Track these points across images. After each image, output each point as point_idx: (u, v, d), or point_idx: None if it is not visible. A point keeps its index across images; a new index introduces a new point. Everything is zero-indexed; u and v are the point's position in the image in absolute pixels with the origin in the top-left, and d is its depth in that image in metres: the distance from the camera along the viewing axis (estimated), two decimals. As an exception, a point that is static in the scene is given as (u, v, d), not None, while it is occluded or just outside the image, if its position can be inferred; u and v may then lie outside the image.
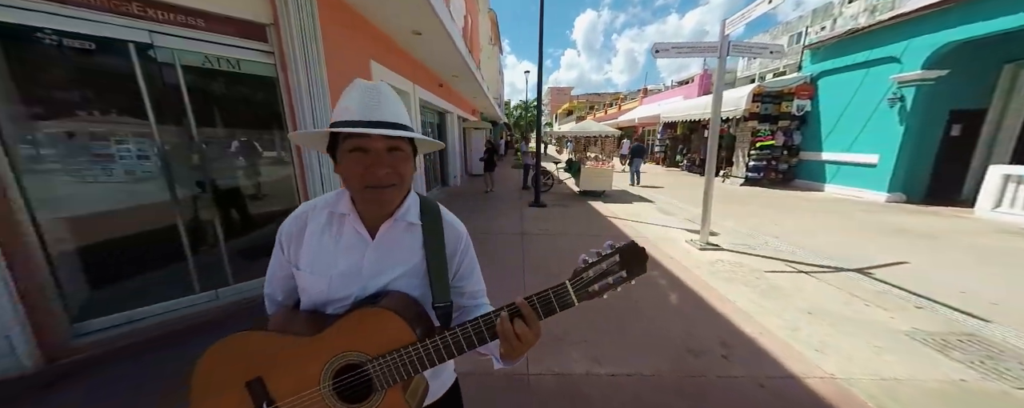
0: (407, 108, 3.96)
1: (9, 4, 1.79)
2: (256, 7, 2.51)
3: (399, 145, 0.66)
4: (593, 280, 0.62)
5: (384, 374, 0.64)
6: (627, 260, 0.61)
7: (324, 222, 0.73)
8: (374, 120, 0.63)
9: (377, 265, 0.70)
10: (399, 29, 4.13)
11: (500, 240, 4.67)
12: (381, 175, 0.63)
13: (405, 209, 0.73)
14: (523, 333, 0.62)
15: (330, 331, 0.65)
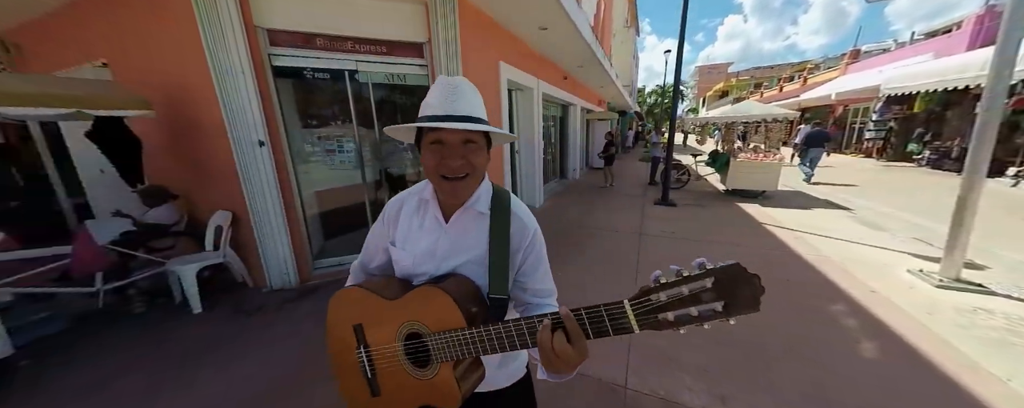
0: (530, 103, 4.17)
1: (288, 54, 2.83)
2: (417, 30, 3.15)
3: (473, 137, 0.69)
4: (665, 305, 0.50)
5: (438, 349, 0.69)
6: (726, 289, 0.47)
7: (415, 206, 0.82)
8: (451, 114, 0.66)
9: (448, 249, 0.77)
10: (526, 27, 4.38)
11: (614, 238, 4.45)
12: (455, 166, 0.68)
13: (476, 198, 0.76)
14: (562, 350, 0.55)
15: (404, 300, 0.73)
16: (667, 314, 0.50)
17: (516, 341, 0.63)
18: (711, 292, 0.48)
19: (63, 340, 2.43)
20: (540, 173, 6.16)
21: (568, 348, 0.55)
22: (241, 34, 2.52)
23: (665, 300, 0.50)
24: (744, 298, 0.47)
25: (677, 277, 0.50)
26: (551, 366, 0.59)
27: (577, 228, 4.92)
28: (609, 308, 0.54)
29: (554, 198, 7.06)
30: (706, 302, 0.48)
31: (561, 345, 0.55)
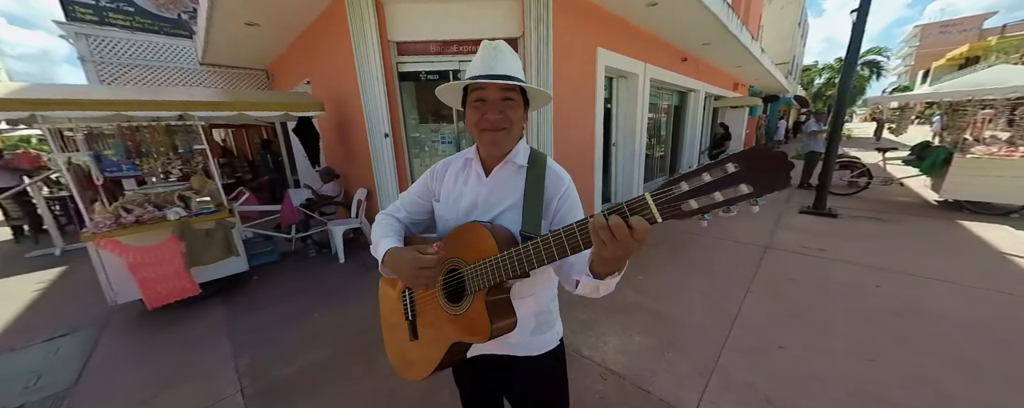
0: (633, 91, 3.90)
1: (410, 61, 3.44)
2: (512, 26, 3.34)
3: (510, 95, 0.76)
4: (687, 193, 0.48)
5: (473, 279, 0.75)
6: (751, 171, 0.45)
7: (460, 165, 0.91)
8: (492, 73, 0.75)
9: (488, 199, 0.84)
10: (631, 3, 4.05)
11: (727, 249, 3.72)
12: (494, 119, 0.76)
13: (515, 153, 0.84)
14: (619, 229, 0.51)
15: (445, 240, 0.84)
16: (689, 202, 0.49)
17: (560, 249, 0.61)
18: (735, 176, 0.46)
19: (275, 266, 3.68)
20: (640, 169, 5.64)
21: (625, 231, 0.51)
22: (378, 49, 3.22)
23: (686, 189, 0.49)
24: (772, 177, 0.44)
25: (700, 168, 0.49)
26: (604, 254, 0.56)
27: (680, 232, 4.33)
28: (631, 202, 0.53)
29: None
30: (730, 185, 0.46)
31: (618, 224, 0.52)
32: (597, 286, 0.66)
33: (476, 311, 0.75)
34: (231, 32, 4.28)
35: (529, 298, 0.86)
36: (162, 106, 2.44)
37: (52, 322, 2.72)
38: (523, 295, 0.84)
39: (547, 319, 0.91)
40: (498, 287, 0.75)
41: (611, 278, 0.64)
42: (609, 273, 0.63)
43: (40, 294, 3.31)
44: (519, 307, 0.80)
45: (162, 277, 2.49)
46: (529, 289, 0.85)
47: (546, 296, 0.91)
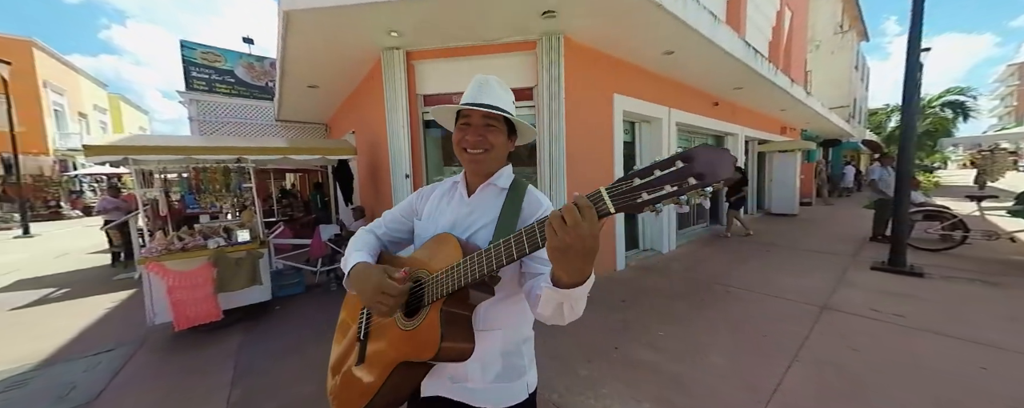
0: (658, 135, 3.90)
1: (434, 111, 3.80)
2: (526, 76, 3.59)
3: (492, 122, 0.83)
4: (639, 187, 0.51)
5: (433, 286, 0.74)
6: (698, 164, 0.47)
7: (447, 188, 0.95)
8: (476, 102, 0.81)
9: (468, 219, 0.85)
10: (647, 53, 4.18)
11: (770, 305, 3.23)
12: (472, 140, 0.82)
13: (498, 176, 0.87)
14: (572, 220, 0.53)
15: (416, 253, 0.85)
16: (641, 193, 0.51)
17: (504, 253, 0.63)
18: (684, 170, 0.49)
19: (298, 298, 3.87)
20: (672, 215, 5.31)
21: (579, 221, 0.53)
22: (405, 101, 3.62)
23: (639, 183, 0.51)
24: (717, 168, 0.48)
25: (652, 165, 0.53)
26: (560, 253, 0.57)
27: (714, 283, 3.88)
28: (590, 195, 0.56)
29: (691, 245, 5.84)
30: (679, 178, 0.49)
31: (572, 216, 0.54)
32: (560, 302, 0.63)
33: (429, 323, 0.72)
34: (298, 93, 5.14)
35: (496, 332, 0.80)
36: (222, 151, 2.94)
37: (105, 337, 3.05)
38: (490, 326, 0.79)
39: (516, 364, 0.83)
40: (458, 300, 0.72)
41: (574, 290, 0.61)
42: (570, 279, 0.60)
43: (108, 311, 3.78)
44: (484, 341, 0.75)
45: (193, 300, 2.74)
46: (497, 320, 0.80)
47: (517, 334, 0.85)
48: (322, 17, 2.92)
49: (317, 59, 3.91)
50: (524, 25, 3.24)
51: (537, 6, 2.88)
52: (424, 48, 3.60)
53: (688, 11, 3.28)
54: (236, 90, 7.31)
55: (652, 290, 3.70)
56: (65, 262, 6.31)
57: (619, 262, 4.36)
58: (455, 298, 0.72)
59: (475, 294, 0.73)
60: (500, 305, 0.81)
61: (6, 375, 2.46)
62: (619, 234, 4.32)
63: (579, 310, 0.67)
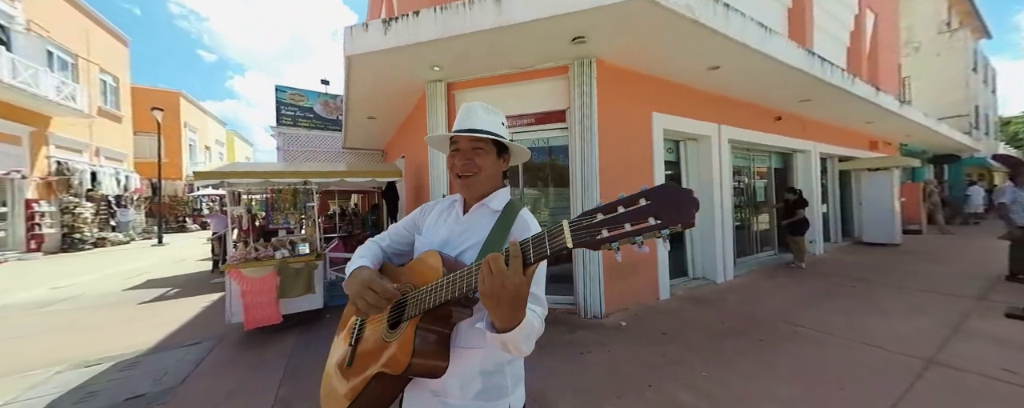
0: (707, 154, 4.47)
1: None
2: (559, 99, 3.67)
3: (480, 145, 0.87)
4: (601, 223, 0.52)
5: (414, 302, 0.77)
6: (661, 205, 0.48)
7: (447, 205, 0.99)
8: (463, 128, 0.87)
9: (460, 237, 0.89)
10: (689, 70, 4.01)
11: (854, 352, 2.72)
12: (460, 164, 0.87)
13: (491, 198, 0.90)
14: (497, 269, 0.57)
15: (403, 268, 0.90)
16: (602, 231, 0.51)
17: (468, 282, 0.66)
18: (645, 209, 0.49)
19: (345, 308, 4.22)
20: (727, 239, 4.81)
21: (502, 270, 0.56)
22: (445, 127, 3.91)
23: (601, 218, 0.52)
24: (677, 212, 0.47)
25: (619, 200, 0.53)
26: (487, 298, 0.60)
27: (779, 320, 3.39)
28: (551, 230, 0.57)
29: (753, 276, 5.17)
30: (640, 219, 0.49)
31: (497, 265, 0.57)
32: (502, 342, 0.65)
33: (404, 338, 0.74)
34: (359, 124, 5.85)
35: (476, 351, 0.80)
36: (291, 175, 3.46)
37: (196, 331, 3.62)
38: (469, 345, 0.80)
39: (498, 384, 0.82)
40: (436, 318, 0.75)
41: (505, 335, 0.62)
42: (500, 324, 0.62)
43: (202, 310, 4.49)
44: (463, 358, 0.78)
45: (259, 304, 3.16)
46: (477, 339, 0.80)
47: (498, 354, 0.83)
48: (376, 58, 3.36)
49: (373, 94, 4.45)
50: (556, 52, 3.36)
51: (567, 33, 2.98)
52: (463, 79, 3.91)
53: (731, 25, 3.12)
54: (314, 123, 8.63)
55: (699, 324, 3.34)
56: (181, 267, 7.70)
57: (662, 291, 4.02)
58: (433, 315, 0.74)
59: (455, 312, 0.76)
60: (478, 326, 0.81)
61: (126, 357, 3.05)
62: (662, 259, 4.02)
63: (526, 350, 0.68)
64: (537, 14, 2.68)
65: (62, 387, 2.55)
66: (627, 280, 3.71)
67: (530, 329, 0.65)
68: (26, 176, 9.32)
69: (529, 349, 0.68)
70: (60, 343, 3.42)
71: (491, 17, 2.80)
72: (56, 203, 10.06)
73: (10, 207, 9.05)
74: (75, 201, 10.42)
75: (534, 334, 0.69)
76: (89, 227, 10.69)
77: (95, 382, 2.63)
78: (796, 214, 5.57)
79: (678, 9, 2.63)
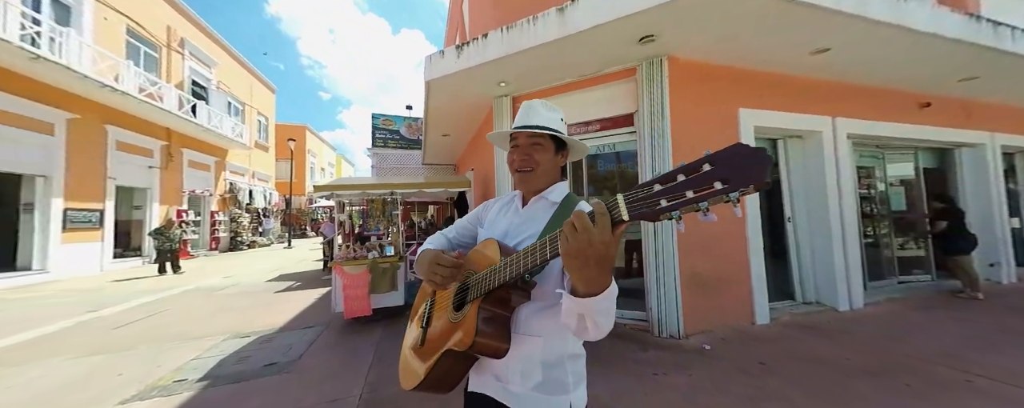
0: (816, 153, 3.98)
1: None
2: (627, 103, 3.53)
3: (538, 141, 0.90)
4: (662, 192, 0.49)
5: (475, 285, 0.83)
6: (727, 168, 0.44)
7: (507, 200, 1.05)
8: (521, 125, 0.92)
9: (518, 228, 0.93)
10: (786, 57, 3.47)
11: None
12: (518, 160, 0.91)
13: (550, 191, 0.93)
14: (582, 226, 0.55)
15: (468, 254, 0.96)
16: (659, 200, 0.49)
17: (531, 258, 0.68)
18: (709, 174, 0.46)
19: (423, 307, 4.62)
20: (852, 257, 3.89)
21: (589, 224, 0.55)
22: (512, 139, 4.09)
23: (659, 189, 0.50)
24: (746, 173, 0.43)
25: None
26: (565, 246, 0.58)
27: (938, 363, 2.60)
28: (608, 201, 0.56)
29: (895, 304, 4.05)
30: (704, 184, 0.46)
31: (582, 220, 0.55)
32: (580, 314, 0.64)
33: (468, 316, 0.80)
34: (436, 141, 6.48)
35: (536, 339, 0.82)
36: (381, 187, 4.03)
37: (312, 317, 4.37)
38: (529, 332, 0.82)
39: (559, 379, 0.83)
40: (496, 300, 0.79)
41: (590, 300, 0.61)
42: (585, 288, 0.61)
43: (315, 301, 5.40)
44: (523, 344, 0.81)
45: (355, 297, 3.67)
46: (537, 326, 0.83)
47: (559, 346, 0.84)
48: (450, 80, 3.73)
49: (448, 113, 4.91)
50: (621, 55, 3.27)
51: (634, 34, 2.89)
52: (527, 91, 4.05)
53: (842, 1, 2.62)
54: (400, 143, 9.94)
55: (811, 357, 2.75)
56: (302, 265, 9.40)
57: (759, 313, 3.43)
58: (493, 297, 0.79)
59: (514, 296, 0.80)
60: (542, 313, 0.83)
61: (265, 333, 3.83)
62: (756, 275, 3.45)
63: (604, 326, 0.66)
64: (601, 19, 2.67)
65: (226, 351, 3.32)
66: (710, 297, 3.27)
67: (613, 299, 0.63)
68: (211, 194, 12.61)
69: (608, 326, 0.66)
70: (225, 319, 4.46)
71: (555, 29, 2.89)
72: (227, 214, 13.34)
73: (202, 216, 12.31)
74: (239, 212, 13.67)
75: (614, 311, 0.67)
76: (246, 232, 13.86)
77: (246, 350, 3.36)
78: (935, 226, 4.29)
79: (765, -10, 2.34)
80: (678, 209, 0.47)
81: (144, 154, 9.87)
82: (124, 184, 9.16)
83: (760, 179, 0.42)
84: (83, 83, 7.39)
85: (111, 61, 8.23)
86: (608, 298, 0.61)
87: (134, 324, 4.29)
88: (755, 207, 3.54)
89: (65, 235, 7.52)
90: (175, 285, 6.75)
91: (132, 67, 8.77)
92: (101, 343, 3.62)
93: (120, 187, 9.04)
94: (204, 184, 12.28)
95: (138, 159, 9.70)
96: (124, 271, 8.52)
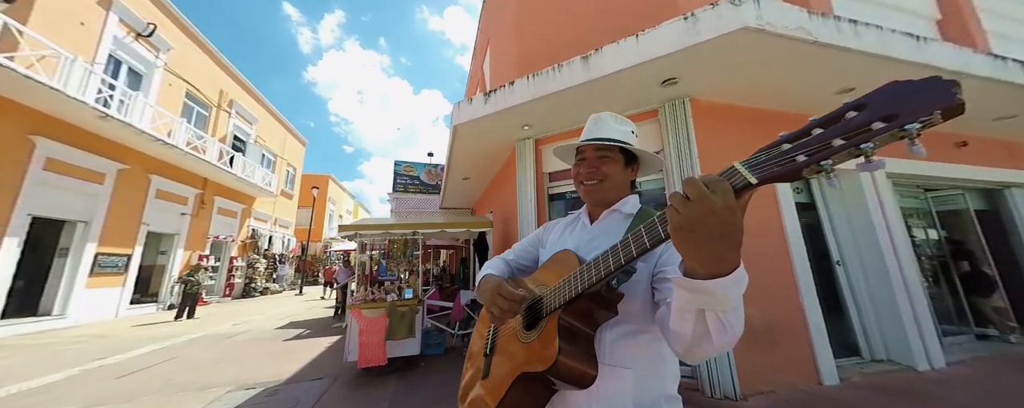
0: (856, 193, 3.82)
1: (557, 185, 4.11)
2: (650, 143, 3.55)
3: (607, 153, 0.87)
4: (798, 149, 0.42)
5: (551, 297, 0.73)
6: (891, 103, 0.37)
7: (570, 220, 1.00)
8: (590, 137, 0.88)
9: (590, 243, 0.86)
10: (811, 98, 3.51)
11: None
12: (585, 172, 0.88)
13: (623, 203, 0.88)
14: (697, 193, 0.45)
15: (535, 273, 0.90)
16: (795, 156, 0.42)
17: (623, 252, 0.60)
18: (862, 117, 0.39)
19: (439, 357, 4.25)
20: (921, 309, 3.46)
21: (704, 190, 0.45)
22: (533, 179, 4.11)
23: (789, 147, 0.43)
24: (925, 101, 0.35)
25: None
26: (676, 218, 0.47)
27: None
28: (723, 171, 0.49)
29: (985, 364, 3.51)
30: (857, 129, 0.39)
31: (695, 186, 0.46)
32: (700, 308, 0.51)
33: (546, 332, 0.70)
34: (456, 185, 6.61)
35: (625, 372, 0.70)
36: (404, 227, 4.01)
37: (321, 368, 4.07)
38: (616, 362, 0.70)
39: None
40: (577, 312, 0.69)
41: (714, 282, 0.47)
42: (707, 269, 0.47)
43: (326, 349, 5.09)
44: (610, 377, 0.69)
45: (371, 344, 3.42)
46: (625, 357, 0.71)
47: (654, 383, 0.72)
48: (477, 124, 3.90)
49: (471, 156, 5.06)
50: (645, 97, 3.39)
51: (656, 76, 3.01)
52: (550, 134, 4.18)
53: (864, 41, 2.71)
54: (420, 188, 10.22)
55: (905, 426, 2.29)
56: (313, 312, 9.12)
57: (824, 372, 2.98)
58: (573, 309, 0.69)
59: (598, 310, 0.69)
60: (630, 340, 0.72)
61: (272, 384, 3.54)
62: (815, 325, 3.07)
63: (734, 326, 0.52)
64: (624, 64, 2.82)
65: (229, 405, 3.05)
66: (765, 351, 2.89)
67: (743, 287, 0.49)
68: (233, 239, 12.92)
69: (738, 328, 0.53)
70: (232, 368, 4.20)
71: (580, 74, 3.05)
72: (245, 259, 13.48)
73: (222, 262, 12.47)
74: (257, 258, 13.81)
75: (742, 308, 0.53)
76: (260, 278, 13.83)
77: (250, 403, 3.08)
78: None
79: (790, 33, 2.44)
80: (829, 157, 0.39)
81: (179, 201, 10.41)
82: (155, 230, 9.52)
83: (947, 100, 0.34)
84: (140, 137, 8.13)
85: (167, 118, 9.16)
86: (738, 282, 0.48)
87: (140, 372, 4.08)
88: (800, 241, 3.29)
89: (90, 280, 7.63)
90: (186, 332, 6.57)
91: (184, 124, 9.71)
92: (104, 393, 3.40)
93: (150, 232, 9.39)
94: (228, 230, 12.66)
95: (174, 206, 10.21)
96: (139, 317, 8.43)
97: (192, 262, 9.60)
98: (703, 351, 0.57)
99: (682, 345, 0.58)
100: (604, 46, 2.96)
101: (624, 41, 2.86)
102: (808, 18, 2.55)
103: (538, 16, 4.85)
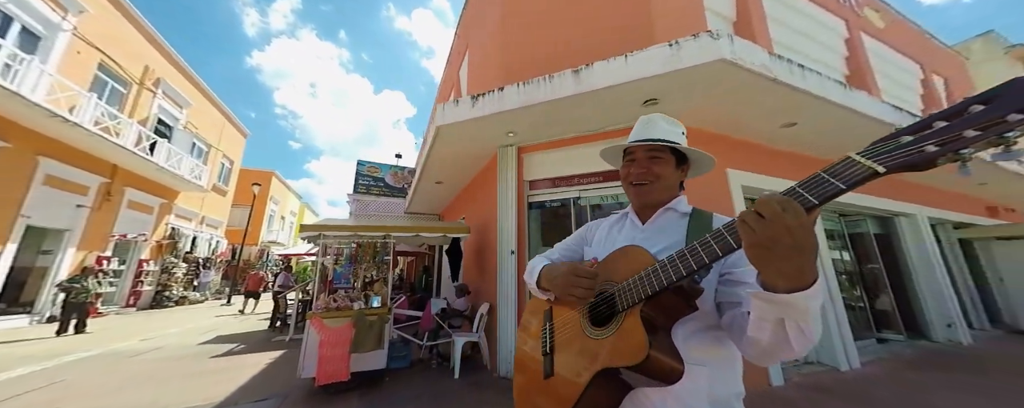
0: None
1: (537, 194, 4.15)
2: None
3: (657, 154, 0.86)
4: (924, 139, 0.42)
5: (625, 294, 0.70)
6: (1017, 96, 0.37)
7: (615, 219, 1.00)
8: (641, 138, 0.89)
9: (646, 242, 0.81)
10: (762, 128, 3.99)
11: None
12: (636, 173, 0.88)
13: (676, 202, 0.88)
14: (771, 213, 0.47)
15: (596, 267, 0.85)
16: (923, 147, 0.41)
17: (705, 252, 0.58)
18: (994, 109, 0.38)
19: (404, 372, 3.95)
20: (841, 318, 4.04)
21: (777, 210, 0.46)
22: (515, 186, 4.11)
23: (910, 139, 0.43)
24: None
25: None
26: (770, 252, 0.48)
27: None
28: (834, 166, 0.48)
29: (888, 365, 4.16)
30: (991, 120, 0.37)
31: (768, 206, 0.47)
32: (779, 317, 0.52)
33: (626, 328, 0.67)
34: (427, 189, 6.38)
35: (700, 368, 0.68)
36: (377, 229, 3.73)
37: (263, 387, 3.54)
38: (690, 358, 0.67)
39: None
40: (658, 307, 0.67)
41: (795, 296, 0.49)
42: (788, 283, 0.49)
43: (267, 366, 4.46)
44: (689, 375, 0.65)
45: (333, 357, 3.07)
46: (698, 352, 0.70)
47: (728, 380, 0.73)
48: (462, 127, 3.82)
49: (449, 160, 4.93)
50: (625, 114, 3.59)
51: (640, 96, 3.22)
52: (533, 143, 4.24)
53: (808, 81, 3.18)
54: (383, 191, 9.68)
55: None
56: (246, 324, 8.01)
57: (773, 375, 3.32)
58: (656, 303, 0.67)
59: (679, 306, 0.67)
60: (701, 336, 0.72)
61: (197, 410, 3.00)
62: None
63: (811, 333, 0.54)
64: (614, 80, 2.98)
65: (142, 436, 2.50)
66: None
67: (821, 297, 0.52)
68: (146, 239, 11.02)
69: (818, 333, 0.55)
70: (140, 393, 3.49)
71: (570, 86, 3.15)
72: (159, 263, 11.54)
73: (127, 266, 10.52)
74: (174, 262, 11.88)
75: (820, 314, 0.56)
76: (177, 285, 11.90)
77: (171, 433, 2.56)
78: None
79: (756, 68, 2.77)
80: (968, 146, 0.38)
81: (77, 191, 8.67)
82: (37, 224, 7.78)
83: None
84: (30, 110, 6.70)
85: (71, 92, 7.68)
86: (819, 294, 0.51)
87: (15, 399, 3.22)
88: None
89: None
90: (76, 348, 5.36)
91: (94, 99, 8.21)
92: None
93: (31, 227, 7.65)
94: (140, 228, 10.79)
95: (69, 196, 8.47)
96: (2, 332, 6.72)
97: (87, 263, 7.95)
98: (778, 357, 0.60)
99: (756, 350, 0.61)
100: (594, 62, 3.10)
101: (614, 59, 3.03)
102: (768, 58, 2.94)
103: (522, 25, 4.97)
